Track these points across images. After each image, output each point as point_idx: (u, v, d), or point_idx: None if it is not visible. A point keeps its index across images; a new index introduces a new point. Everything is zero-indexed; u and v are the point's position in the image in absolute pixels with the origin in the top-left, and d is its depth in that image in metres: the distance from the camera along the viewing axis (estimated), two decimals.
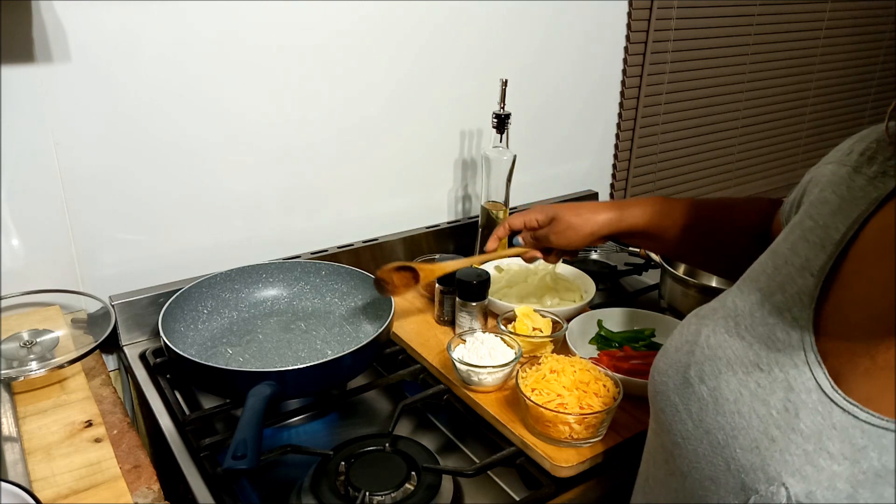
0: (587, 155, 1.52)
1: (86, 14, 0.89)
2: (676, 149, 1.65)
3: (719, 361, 0.53)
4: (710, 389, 0.53)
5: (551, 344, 0.93)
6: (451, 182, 1.32)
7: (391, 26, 1.13)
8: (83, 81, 0.91)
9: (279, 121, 1.08)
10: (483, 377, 0.85)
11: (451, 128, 1.28)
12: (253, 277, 1.05)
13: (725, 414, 0.51)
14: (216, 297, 1.01)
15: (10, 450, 0.71)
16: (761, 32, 1.68)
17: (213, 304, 1.01)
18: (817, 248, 0.53)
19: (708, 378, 0.53)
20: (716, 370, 0.53)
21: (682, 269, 1.14)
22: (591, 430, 0.76)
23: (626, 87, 1.49)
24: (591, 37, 1.40)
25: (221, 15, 0.98)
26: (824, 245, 0.53)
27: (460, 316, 0.98)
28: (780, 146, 1.91)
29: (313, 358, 0.92)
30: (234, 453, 0.66)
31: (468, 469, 0.75)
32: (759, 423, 0.49)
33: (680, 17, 1.50)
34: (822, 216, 0.55)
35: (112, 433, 0.77)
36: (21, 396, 0.82)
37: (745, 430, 0.50)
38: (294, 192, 1.14)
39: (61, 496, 0.67)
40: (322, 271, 1.07)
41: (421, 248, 1.26)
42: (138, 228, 1.02)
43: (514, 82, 1.15)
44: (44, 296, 0.97)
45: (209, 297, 1.01)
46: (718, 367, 0.53)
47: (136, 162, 0.98)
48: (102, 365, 0.93)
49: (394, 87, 1.18)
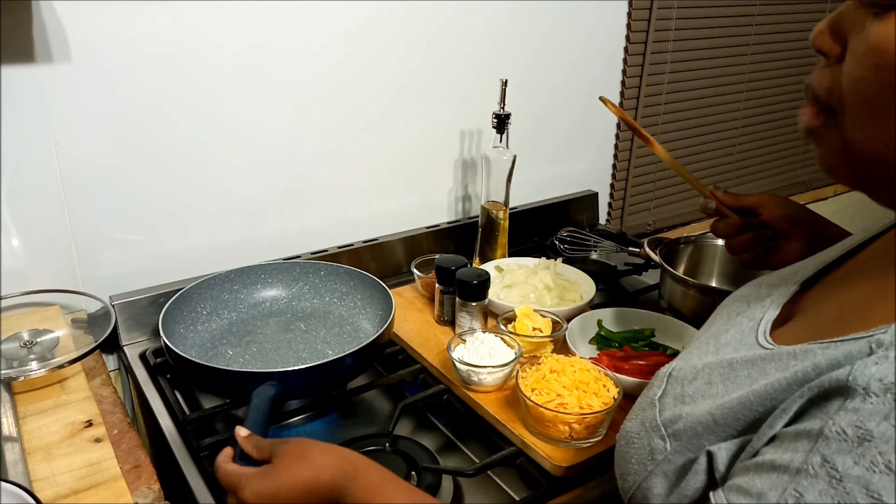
0: (587, 155, 1.52)
1: (86, 14, 0.89)
2: (677, 149, 1.65)
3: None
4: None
5: (551, 344, 0.93)
6: (451, 182, 1.32)
7: (392, 28, 1.13)
8: (83, 81, 0.91)
9: (279, 121, 1.08)
10: (483, 377, 0.85)
11: (451, 128, 1.28)
12: (251, 278, 1.05)
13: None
14: (215, 298, 1.01)
15: (10, 450, 0.71)
16: (761, 32, 1.68)
17: (211, 305, 1.01)
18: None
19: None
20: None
21: (682, 269, 1.14)
22: (591, 430, 0.76)
23: (626, 87, 1.49)
24: (591, 37, 1.40)
25: (221, 15, 0.98)
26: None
27: (460, 316, 0.98)
28: (780, 146, 1.91)
29: (314, 358, 0.92)
30: (241, 455, 0.66)
31: (468, 469, 0.75)
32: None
33: (680, 17, 1.50)
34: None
35: (112, 433, 0.77)
36: (21, 396, 0.82)
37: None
38: (294, 192, 1.14)
39: (61, 496, 0.67)
40: (321, 271, 1.07)
41: (421, 248, 1.26)
42: (138, 228, 1.02)
43: (514, 82, 1.15)
44: (44, 296, 0.97)
45: (208, 298, 1.00)
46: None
47: (136, 162, 0.98)
48: (102, 365, 0.93)
49: (394, 88, 1.18)
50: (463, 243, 1.30)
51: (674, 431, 0.48)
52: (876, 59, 0.39)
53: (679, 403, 0.48)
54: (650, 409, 0.51)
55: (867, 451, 0.33)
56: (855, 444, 0.33)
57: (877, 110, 0.40)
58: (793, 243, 0.77)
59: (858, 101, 0.41)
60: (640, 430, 0.51)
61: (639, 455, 0.50)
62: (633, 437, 0.51)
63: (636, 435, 0.51)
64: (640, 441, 0.50)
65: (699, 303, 1.01)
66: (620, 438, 0.54)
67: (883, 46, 0.38)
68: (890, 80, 0.38)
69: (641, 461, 0.50)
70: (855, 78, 0.40)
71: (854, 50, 0.41)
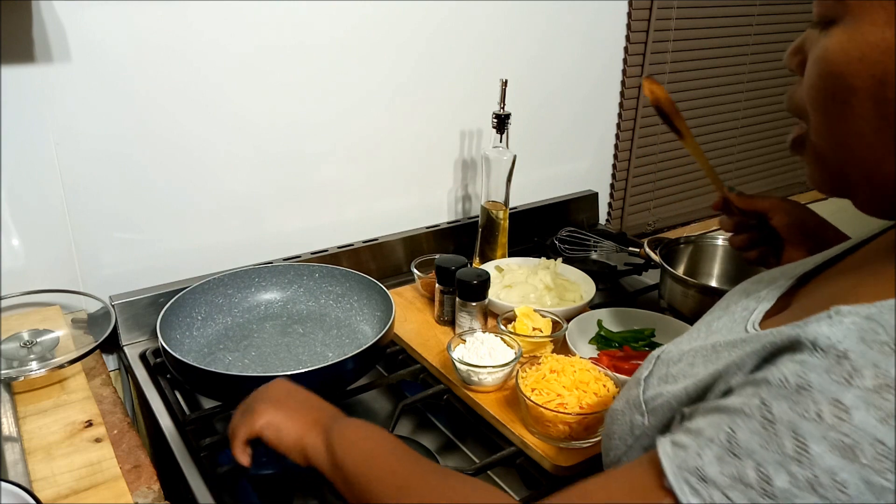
0: (587, 155, 1.52)
1: (86, 14, 0.89)
2: (676, 149, 1.65)
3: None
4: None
5: (551, 344, 0.93)
6: (451, 182, 1.32)
7: (392, 27, 1.13)
8: (83, 81, 0.91)
9: (280, 122, 1.08)
10: (483, 377, 0.85)
11: (451, 128, 1.28)
12: (245, 282, 1.04)
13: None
14: (209, 302, 1.00)
15: (10, 450, 0.71)
16: (761, 32, 1.68)
17: (206, 310, 0.99)
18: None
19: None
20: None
21: (682, 269, 1.14)
22: (591, 430, 0.76)
23: (626, 87, 1.49)
24: (591, 37, 1.40)
25: (221, 15, 0.98)
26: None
27: (460, 316, 0.98)
28: (780, 146, 1.91)
29: (315, 362, 0.92)
30: (259, 459, 0.66)
31: (468, 469, 0.75)
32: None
33: (680, 17, 1.50)
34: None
35: (112, 433, 0.77)
36: (21, 396, 0.82)
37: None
38: (294, 192, 1.14)
39: (61, 496, 0.67)
40: (315, 273, 1.06)
41: (421, 247, 1.26)
42: (138, 228, 1.02)
43: (514, 82, 1.15)
44: (44, 296, 0.97)
45: (202, 303, 0.99)
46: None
47: (136, 162, 0.98)
48: (102, 365, 0.93)
49: (394, 88, 1.18)
50: (463, 243, 1.30)
51: (652, 408, 0.50)
52: (819, 69, 0.43)
53: (662, 383, 0.50)
54: (635, 388, 0.53)
55: (803, 399, 0.35)
56: (793, 392, 0.35)
57: (829, 116, 0.44)
58: (796, 251, 0.78)
59: (814, 110, 0.45)
60: (624, 408, 0.53)
61: (621, 431, 0.53)
62: (618, 414, 0.54)
63: (620, 412, 0.53)
64: (623, 418, 0.53)
65: (699, 303, 1.01)
66: (607, 417, 0.56)
67: (826, 56, 0.43)
68: (832, 86, 0.42)
69: (623, 437, 0.52)
70: (807, 87, 0.45)
71: (808, 64, 0.45)
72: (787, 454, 0.34)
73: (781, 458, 0.34)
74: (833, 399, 0.34)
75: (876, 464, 0.32)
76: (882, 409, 0.32)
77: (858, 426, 0.33)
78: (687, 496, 0.36)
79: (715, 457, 0.36)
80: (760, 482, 0.34)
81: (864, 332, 0.35)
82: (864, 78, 0.41)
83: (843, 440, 0.33)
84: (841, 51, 0.42)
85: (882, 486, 0.32)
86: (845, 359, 0.34)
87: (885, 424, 0.32)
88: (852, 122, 0.42)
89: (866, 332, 0.35)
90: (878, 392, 0.33)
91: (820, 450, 0.33)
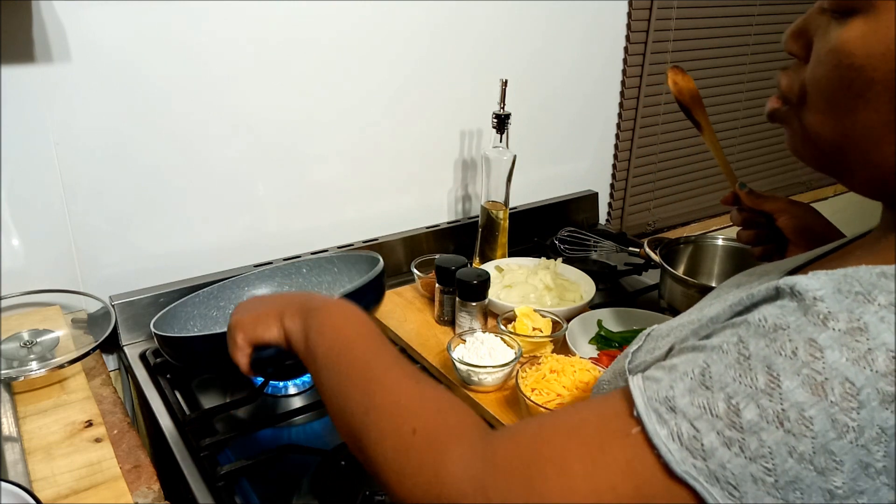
0: (587, 155, 1.52)
1: (86, 14, 0.89)
2: (676, 149, 1.65)
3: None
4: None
5: (551, 344, 0.93)
6: (451, 182, 1.32)
7: (392, 27, 1.13)
8: (83, 81, 0.91)
9: (280, 122, 1.08)
10: (483, 377, 0.85)
11: (451, 128, 1.28)
12: (235, 293, 1.02)
13: None
14: (203, 315, 0.99)
15: (10, 450, 0.71)
16: (761, 32, 1.68)
17: (202, 323, 0.98)
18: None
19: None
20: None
21: (682, 269, 1.14)
22: None
23: (626, 87, 1.49)
24: (591, 37, 1.40)
25: (221, 16, 0.98)
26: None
27: (460, 316, 0.98)
28: (780, 146, 1.91)
29: None
30: (264, 370, 0.66)
31: None
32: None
33: (680, 17, 1.50)
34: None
35: (112, 433, 0.77)
36: (21, 396, 0.82)
37: None
38: (294, 192, 1.14)
39: (61, 496, 0.67)
40: (303, 269, 1.05)
41: (421, 247, 1.26)
42: (138, 228, 1.02)
43: (514, 82, 1.15)
44: (44, 296, 0.97)
45: (196, 316, 0.98)
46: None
47: (136, 162, 0.98)
48: (102, 365, 0.93)
49: (394, 88, 1.18)
50: (463, 243, 1.30)
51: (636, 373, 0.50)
52: (836, 59, 0.43)
53: (648, 354, 0.51)
54: (622, 360, 0.54)
55: (779, 337, 0.36)
56: (770, 330, 0.36)
57: (835, 106, 0.44)
58: (800, 252, 0.79)
59: (819, 97, 0.45)
60: (610, 377, 0.54)
61: None
62: (604, 384, 0.55)
63: (606, 382, 0.55)
64: (609, 387, 0.54)
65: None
66: (594, 388, 0.57)
67: (843, 48, 0.42)
68: (847, 78, 0.42)
69: None
70: (817, 76, 0.45)
71: (817, 51, 0.45)
72: (758, 388, 0.35)
73: (753, 391, 0.35)
74: (808, 339, 0.35)
75: (843, 402, 0.33)
76: (854, 350, 0.34)
77: (830, 364, 0.34)
78: (654, 424, 0.37)
79: (687, 388, 0.38)
80: (729, 413, 0.35)
81: (840, 284, 0.36)
82: (885, 72, 0.40)
83: (815, 377, 0.34)
84: (863, 44, 0.41)
85: (846, 424, 0.33)
86: (822, 302, 0.36)
87: (855, 365, 0.34)
88: (863, 114, 0.42)
89: (842, 283, 0.36)
90: (851, 334, 0.34)
91: (791, 385, 0.34)
